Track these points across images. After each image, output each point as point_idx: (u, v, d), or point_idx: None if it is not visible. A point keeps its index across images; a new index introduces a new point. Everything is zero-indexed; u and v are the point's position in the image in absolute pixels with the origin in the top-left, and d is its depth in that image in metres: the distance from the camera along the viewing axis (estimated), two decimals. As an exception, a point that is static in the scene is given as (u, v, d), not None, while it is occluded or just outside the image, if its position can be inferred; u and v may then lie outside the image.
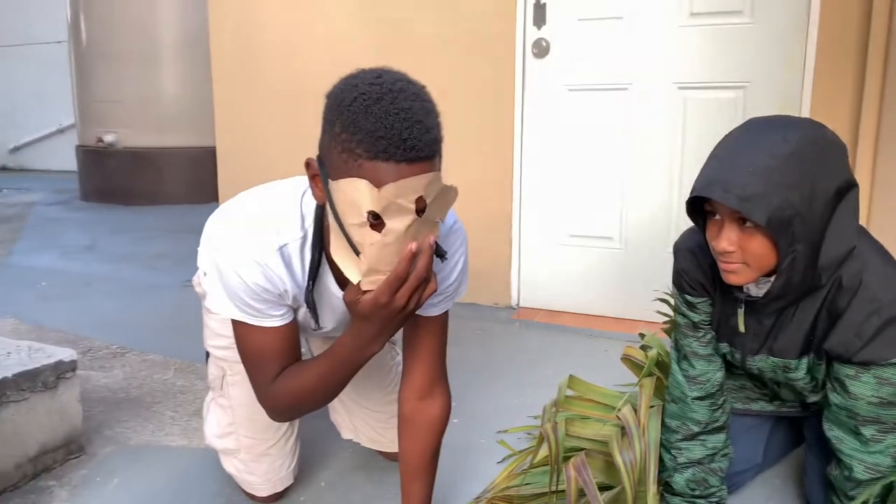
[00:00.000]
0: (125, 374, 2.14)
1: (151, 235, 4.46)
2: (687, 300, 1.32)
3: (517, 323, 2.67)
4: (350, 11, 2.93)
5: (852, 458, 1.17)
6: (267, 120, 3.21)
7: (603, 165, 2.63)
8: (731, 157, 1.09)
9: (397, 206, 0.89)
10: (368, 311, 0.97)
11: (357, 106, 0.90)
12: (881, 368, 1.11)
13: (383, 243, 0.91)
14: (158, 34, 5.66)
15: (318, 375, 1.10)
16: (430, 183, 0.91)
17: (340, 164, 0.92)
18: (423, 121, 0.91)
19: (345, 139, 0.91)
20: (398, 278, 0.93)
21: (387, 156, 0.89)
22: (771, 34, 2.33)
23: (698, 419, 1.33)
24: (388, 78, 0.93)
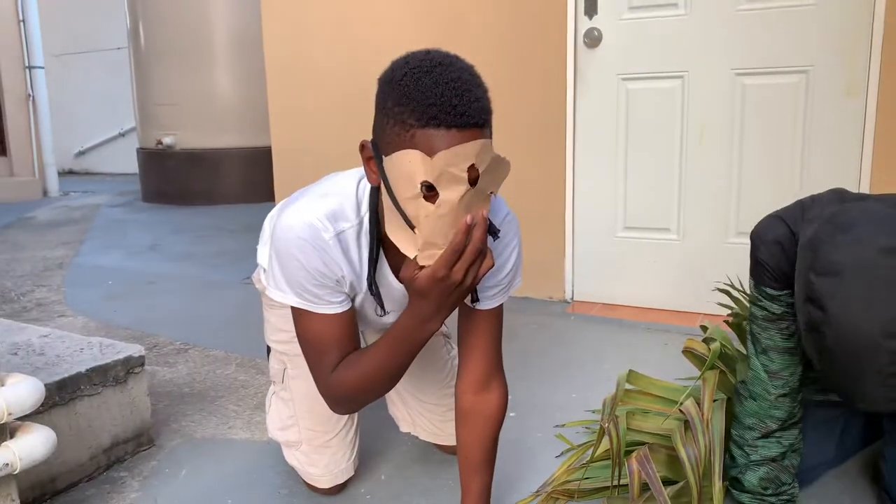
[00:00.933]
0: (189, 369, 2.20)
1: (210, 234, 4.58)
2: (767, 293, 1.25)
3: (572, 317, 2.64)
4: (403, 6, 2.95)
5: None
6: (321, 118, 3.25)
7: (658, 155, 2.58)
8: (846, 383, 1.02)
9: (450, 175, 0.90)
10: (426, 287, 0.98)
11: (408, 79, 0.93)
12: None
13: (437, 215, 0.92)
14: (212, 36, 5.80)
15: (378, 360, 1.11)
16: (481, 150, 0.92)
17: (393, 137, 0.94)
18: (473, 90, 0.93)
19: (397, 112, 0.93)
20: (455, 251, 0.94)
21: (437, 122, 0.90)
22: (834, 16, 2.24)
23: (779, 416, 1.28)
24: (436, 53, 0.97)
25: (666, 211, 2.61)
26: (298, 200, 1.16)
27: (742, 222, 2.48)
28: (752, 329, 1.32)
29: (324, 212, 1.11)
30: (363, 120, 2.87)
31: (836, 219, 1.04)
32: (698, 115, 2.49)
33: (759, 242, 1.25)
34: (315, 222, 1.10)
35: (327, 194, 1.15)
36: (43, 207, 6.03)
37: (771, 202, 2.40)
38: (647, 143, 2.59)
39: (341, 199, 1.14)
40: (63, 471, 1.48)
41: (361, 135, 1.10)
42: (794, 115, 2.35)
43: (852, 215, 1.03)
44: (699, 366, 1.59)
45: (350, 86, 3.11)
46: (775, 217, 1.25)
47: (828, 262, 1.01)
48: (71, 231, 4.81)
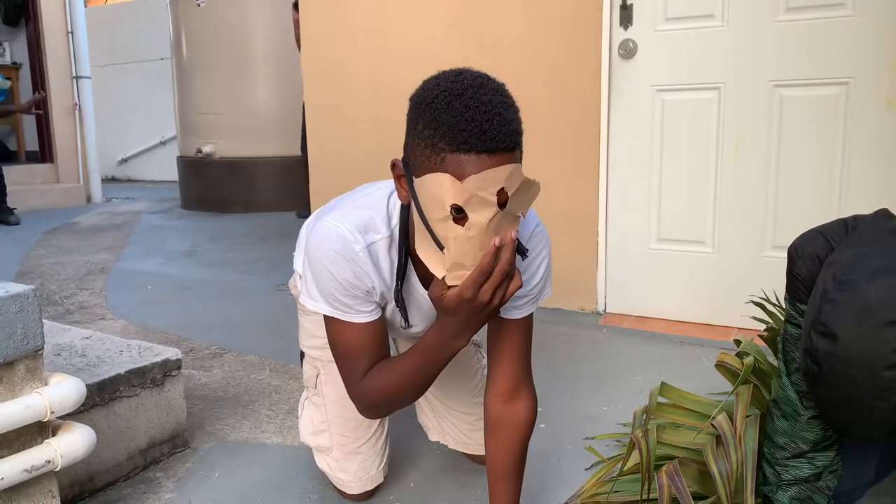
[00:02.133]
0: (223, 373, 2.24)
1: (246, 242, 4.66)
2: (802, 309, 1.22)
3: (604, 328, 2.62)
4: (437, 20, 2.98)
5: None
6: (356, 128, 3.29)
7: (694, 167, 2.56)
8: (846, 418, 1.05)
9: (479, 198, 0.91)
10: (454, 306, 0.99)
11: (439, 102, 0.94)
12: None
13: (466, 237, 0.93)
14: (251, 48, 5.92)
15: (406, 371, 1.13)
16: (510, 175, 0.92)
17: (424, 160, 0.95)
18: (503, 113, 0.94)
19: (427, 135, 0.94)
20: (483, 273, 0.95)
21: (468, 147, 0.91)
22: (875, 27, 2.21)
23: (810, 438, 1.26)
24: (468, 75, 0.97)
25: (701, 223, 2.58)
26: (331, 212, 1.19)
27: (778, 236, 2.44)
28: (784, 347, 1.29)
29: (355, 224, 1.14)
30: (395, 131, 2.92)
31: (846, 273, 1.03)
32: (735, 127, 2.47)
33: (795, 256, 1.22)
34: (346, 234, 1.12)
35: (359, 206, 1.17)
36: (87, 213, 6.19)
37: (808, 216, 2.37)
38: (682, 154, 2.57)
39: (372, 212, 1.16)
40: (101, 469, 1.52)
41: (393, 145, 1.12)
42: (834, 128, 2.31)
43: (862, 271, 1.01)
44: (732, 380, 1.57)
45: (383, 98, 3.15)
46: (816, 232, 1.22)
47: (827, 324, 1.01)
48: (113, 236, 4.94)
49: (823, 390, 1.04)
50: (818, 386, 1.05)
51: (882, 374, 0.97)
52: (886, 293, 0.97)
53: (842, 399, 1.02)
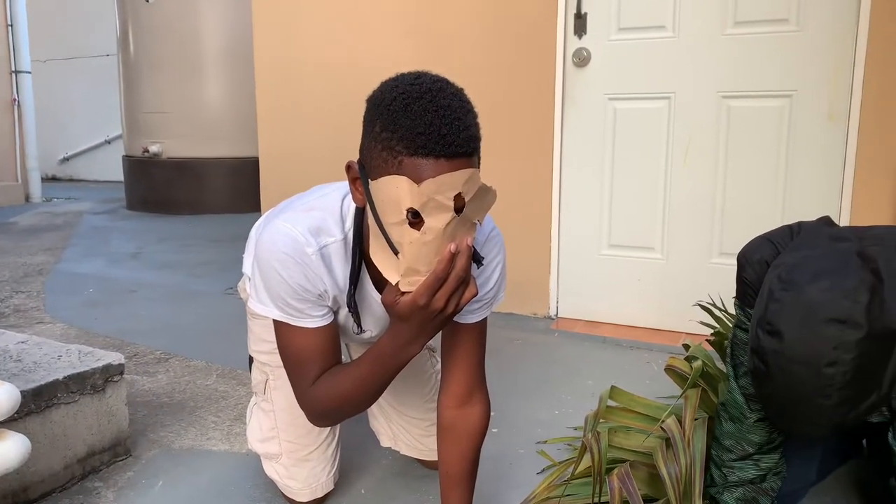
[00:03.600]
0: (169, 379, 2.18)
1: (194, 244, 4.55)
2: (751, 314, 1.26)
3: (556, 333, 2.64)
4: (394, 22, 2.97)
5: None
6: (310, 129, 3.25)
7: (644, 175, 2.60)
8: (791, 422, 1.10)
9: (436, 202, 0.90)
10: (407, 313, 0.97)
11: (397, 104, 0.92)
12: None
13: (422, 241, 0.92)
14: (202, 46, 5.80)
15: (359, 378, 1.11)
16: (468, 180, 0.92)
17: (381, 162, 0.93)
18: (462, 118, 0.93)
19: (385, 137, 0.93)
20: (437, 279, 0.94)
21: (426, 151, 0.90)
22: (818, 42, 2.29)
23: (756, 441, 1.29)
24: (427, 79, 0.96)
25: (650, 230, 2.63)
26: (282, 214, 1.16)
27: (725, 243, 2.50)
28: (732, 352, 1.32)
29: (307, 226, 1.11)
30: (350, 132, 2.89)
31: (790, 274, 1.07)
32: (684, 137, 2.52)
33: (745, 263, 1.25)
34: (298, 237, 1.10)
35: (312, 208, 1.15)
36: (25, 213, 5.96)
37: (754, 224, 2.44)
38: (633, 162, 2.62)
39: (325, 214, 1.14)
40: (36, 480, 1.45)
41: (348, 147, 1.10)
42: (778, 138, 2.39)
43: (805, 273, 1.05)
44: (681, 384, 1.59)
45: (338, 99, 3.12)
46: (764, 238, 1.25)
47: (773, 322, 1.05)
48: (53, 237, 4.76)
49: (770, 389, 1.07)
50: (765, 385, 1.07)
51: (824, 371, 1.00)
52: (827, 293, 1.01)
53: (787, 397, 1.05)
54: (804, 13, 2.29)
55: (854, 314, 0.99)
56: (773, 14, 2.33)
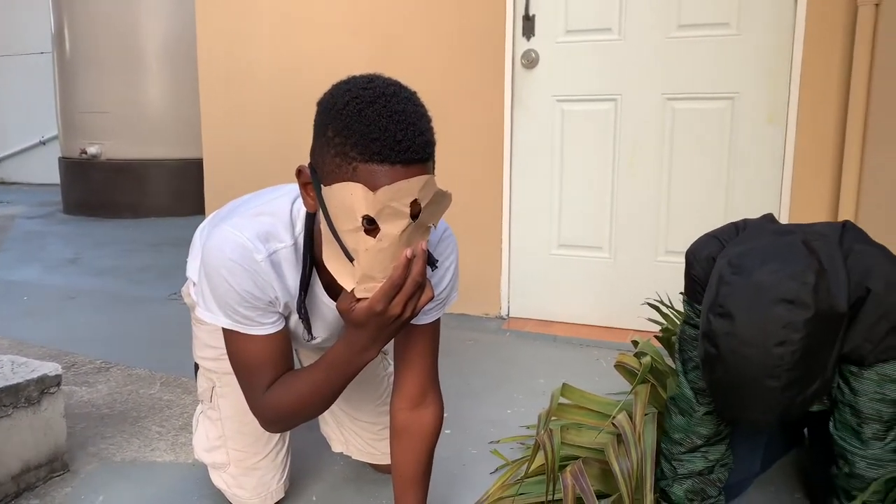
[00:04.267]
0: (110, 389, 2.10)
1: (136, 248, 4.41)
2: (699, 309, 1.27)
3: (508, 333, 2.65)
4: (341, 22, 2.93)
5: (854, 454, 1.17)
6: (255, 130, 3.19)
7: (592, 175, 2.64)
8: (736, 408, 1.11)
9: (392, 209, 0.89)
10: (363, 319, 0.96)
11: (350, 109, 0.90)
12: (884, 365, 1.12)
13: (378, 248, 0.90)
14: (142, 43, 5.62)
15: (314, 384, 1.09)
16: (424, 186, 0.90)
17: (334, 168, 0.91)
18: (417, 123, 0.91)
19: (338, 143, 0.90)
20: (394, 286, 0.92)
21: (381, 157, 0.88)
22: (757, 46, 2.35)
23: (704, 433, 1.31)
24: (379, 82, 0.94)
25: (599, 230, 2.66)
26: (230, 219, 1.12)
27: (671, 241, 2.56)
28: (681, 347, 1.35)
29: (256, 232, 1.08)
30: (297, 134, 2.85)
31: (740, 260, 1.10)
32: (631, 138, 2.56)
33: (693, 260, 1.28)
34: (246, 243, 1.07)
35: (260, 213, 1.12)
36: (-47, 218, 5.69)
37: (698, 223, 2.50)
38: (581, 163, 2.65)
39: (275, 219, 1.11)
40: (-34, 498, 1.37)
41: (295, 148, 1.08)
42: (721, 140, 2.45)
43: (754, 259, 1.09)
44: (631, 380, 1.62)
45: (285, 100, 3.07)
46: (710, 236, 1.28)
47: (724, 305, 1.07)
48: (-17, 243, 4.55)
49: (720, 373, 1.08)
50: (716, 369, 1.09)
51: (773, 351, 1.02)
52: (776, 275, 1.04)
53: (737, 381, 1.07)
54: (744, 17, 2.36)
55: (802, 295, 1.02)
56: (714, 18, 2.39)
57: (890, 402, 1.13)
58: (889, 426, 1.15)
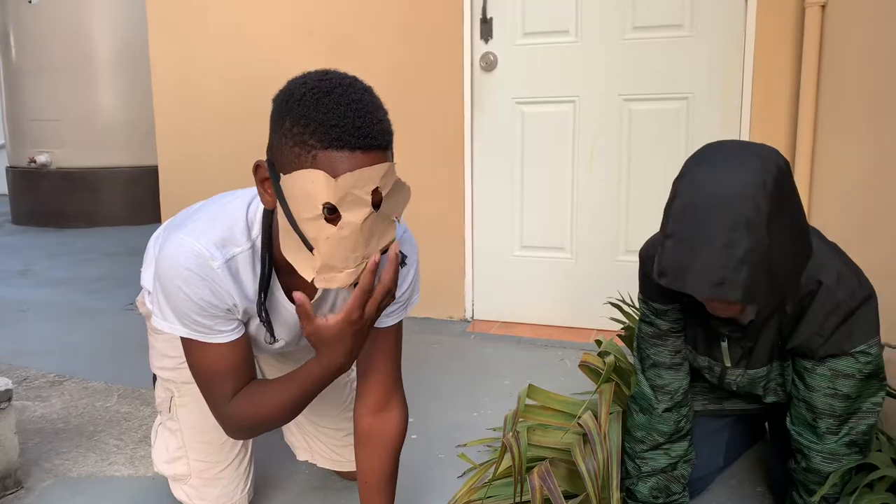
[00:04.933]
0: (64, 402, 2.03)
1: (89, 258, 4.30)
2: (655, 308, 1.29)
3: (473, 335, 2.65)
4: (296, 26, 2.90)
5: (811, 449, 1.20)
6: (211, 136, 3.13)
7: (553, 177, 2.66)
8: (693, 237, 1.01)
9: (354, 197, 0.88)
10: (339, 335, 0.96)
11: (307, 99, 0.90)
12: (835, 360, 1.14)
13: (339, 237, 0.90)
14: (93, 48, 5.48)
15: (285, 397, 1.08)
16: (385, 174, 0.90)
17: (293, 158, 0.90)
18: (375, 112, 0.92)
19: (296, 133, 0.90)
20: (364, 292, 0.93)
21: (341, 144, 0.88)
22: (710, 47, 2.40)
23: (665, 430, 1.33)
24: (335, 74, 0.95)
25: (560, 230, 2.68)
26: (184, 227, 1.10)
27: (630, 241, 2.59)
28: (639, 345, 1.36)
29: (211, 239, 1.06)
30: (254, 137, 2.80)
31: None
32: (589, 139, 2.59)
33: (646, 258, 1.29)
34: (202, 251, 1.04)
35: (215, 219, 1.09)
36: None
37: (656, 221, 2.52)
38: (541, 165, 2.66)
39: (231, 224, 1.08)
40: (-89, 522, 1.31)
41: (250, 153, 1.06)
42: (677, 140, 2.49)
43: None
44: (595, 379, 1.63)
45: (240, 103, 3.02)
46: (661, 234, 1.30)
47: (686, 173, 1.07)
48: (-73, 256, 4.38)
49: (686, 196, 1.04)
50: (680, 195, 1.05)
51: (747, 178, 1.00)
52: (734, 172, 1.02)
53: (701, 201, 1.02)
54: (696, 19, 2.40)
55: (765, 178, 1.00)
56: (667, 20, 2.43)
57: (842, 396, 1.16)
58: (842, 420, 1.17)
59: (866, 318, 1.13)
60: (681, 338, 1.32)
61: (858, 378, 1.14)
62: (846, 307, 1.12)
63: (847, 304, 1.11)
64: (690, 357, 1.35)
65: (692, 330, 1.31)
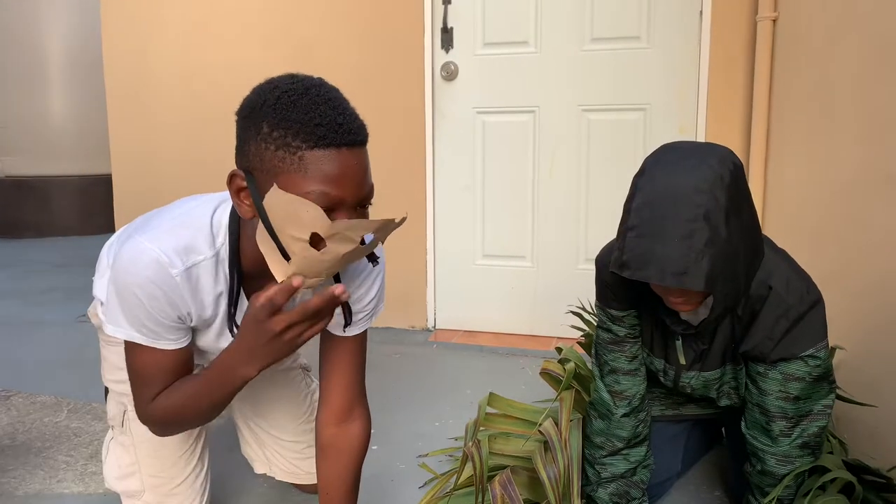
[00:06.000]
0: (10, 418, 1.96)
1: (40, 269, 4.16)
2: (612, 314, 1.31)
3: (434, 345, 2.64)
4: (252, 32, 2.87)
5: (765, 452, 1.22)
6: (167, 144, 3.07)
7: (513, 186, 2.67)
8: (654, 229, 1.04)
9: (344, 237, 0.88)
10: (245, 325, 0.92)
11: (283, 102, 0.89)
12: (786, 364, 1.17)
13: (319, 259, 0.89)
14: (44, 54, 5.33)
15: (194, 393, 1.05)
16: (381, 227, 0.90)
17: (277, 163, 0.89)
18: (350, 109, 0.94)
19: (277, 136, 0.88)
20: (304, 312, 0.88)
21: (327, 142, 0.88)
22: (666, 59, 2.45)
23: (623, 436, 1.34)
24: (302, 76, 0.95)
25: (521, 239, 2.69)
26: (144, 231, 1.06)
27: (590, 249, 2.62)
28: (597, 351, 1.38)
29: (172, 245, 1.03)
30: (210, 147, 2.76)
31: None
32: (549, 149, 2.61)
33: (601, 265, 1.31)
34: (161, 257, 1.01)
35: (177, 225, 1.06)
36: None
37: (615, 231, 2.56)
38: (502, 174, 2.68)
39: (193, 231, 1.06)
40: None
41: (207, 161, 1.03)
42: (635, 150, 2.53)
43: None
44: (556, 387, 1.63)
45: (197, 112, 2.97)
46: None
47: (638, 178, 1.10)
48: None
49: (646, 191, 1.06)
50: (640, 188, 1.07)
51: (704, 173, 1.04)
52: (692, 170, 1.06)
53: (662, 193, 1.04)
54: (652, 31, 2.45)
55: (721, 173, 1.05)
56: (625, 31, 2.48)
57: (793, 399, 1.18)
58: (794, 423, 1.20)
59: (815, 323, 1.15)
60: (637, 343, 1.34)
61: (808, 381, 1.17)
62: (795, 312, 1.14)
63: (796, 308, 1.14)
64: (647, 360, 1.36)
65: (648, 332, 1.33)
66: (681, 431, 1.51)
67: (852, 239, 1.61)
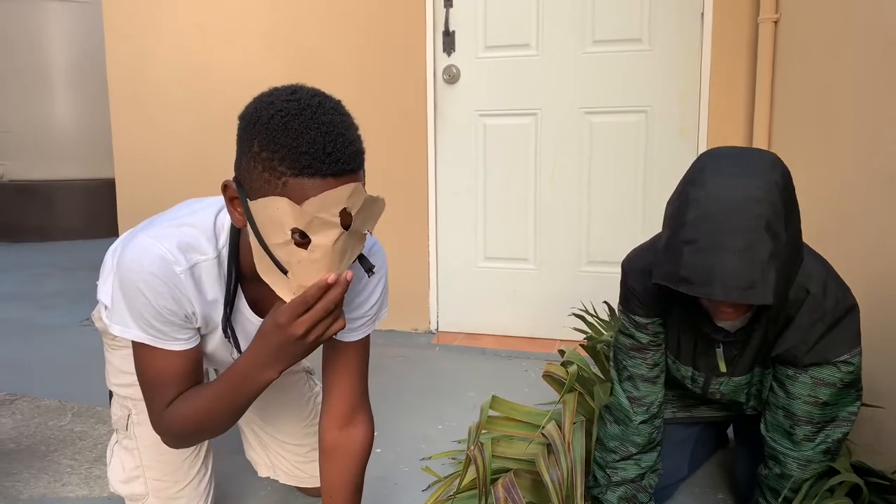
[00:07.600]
0: (15, 422, 1.96)
1: (44, 273, 4.18)
2: (636, 321, 1.29)
3: (437, 347, 2.64)
4: (257, 36, 2.88)
5: (787, 455, 1.21)
6: (169, 148, 3.08)
7: (515, 188, 2.67)
8: (714, 242, 1.01)
9: (321, 220, 0.87)
10: (267, 329, 0.94)
11: (275, 123, 0.87)
12: (818, 369, 1.16)
13: (311, 259, 0.89)
14: (48, 58, 5.35)
15: (213, 399, 1.05)
16: (352, 194, 0.88)
17: (262, 183, 0.89)
18: (345, 134, 0.90)
19: (265, 157, 0.88)
20: (303, 303, 0.90)
21: (312, 171, 0.86)
22: (668, 60, 2.45)
23: (639, 442, 1.34)
24: (303, 93, 0.91)
25: (523, 242, 2.70)
26: (148, 229, 1.07)
27: (592, 252, 2.62)
28: (616, 356, 1.36)
29: (176, 243, 1.04)
30: (212, 150, 2.77)
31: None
32: (551, 151, 2.62)
33: (629, 270, 1.29)
34: (166, 254, 1.02)
35: (182, 225, 1.07)
36: None
37: (617, 233, 2.57)
38: (504, 177, 2.68)
39: (197, 231, 1.06)
40: None
41: (210, 165, 1.04)
42: (636, 153, 2.53)
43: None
44: (559, 389, 1.64)
45: (199, 115, 2.98)
46: (646, 248, 1.30)
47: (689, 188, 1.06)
48: None
49: (701, 202, 1.03)
50: (693, 200, 1.04)
51: (756, 182, 1.01)
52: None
53: (717, 205, 1.02)
54: (654, 34, 2.45)
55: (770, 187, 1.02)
56: (626, 34, 2.48)
57: (821, 404, 1.17)
58: (819, 428, 1.19)
59: (850, 328, 1.15)
60: (660, 351, 1.32)
61: (838, 387, 1.16)
62: (831, 317, 1.13)
63: (832, 313, 1.13)
64: (673, 368, 1.35)
65: (675, 339, 1.32)
66: (688, 437, 1.51)
67: (852, 239, 1.61)
